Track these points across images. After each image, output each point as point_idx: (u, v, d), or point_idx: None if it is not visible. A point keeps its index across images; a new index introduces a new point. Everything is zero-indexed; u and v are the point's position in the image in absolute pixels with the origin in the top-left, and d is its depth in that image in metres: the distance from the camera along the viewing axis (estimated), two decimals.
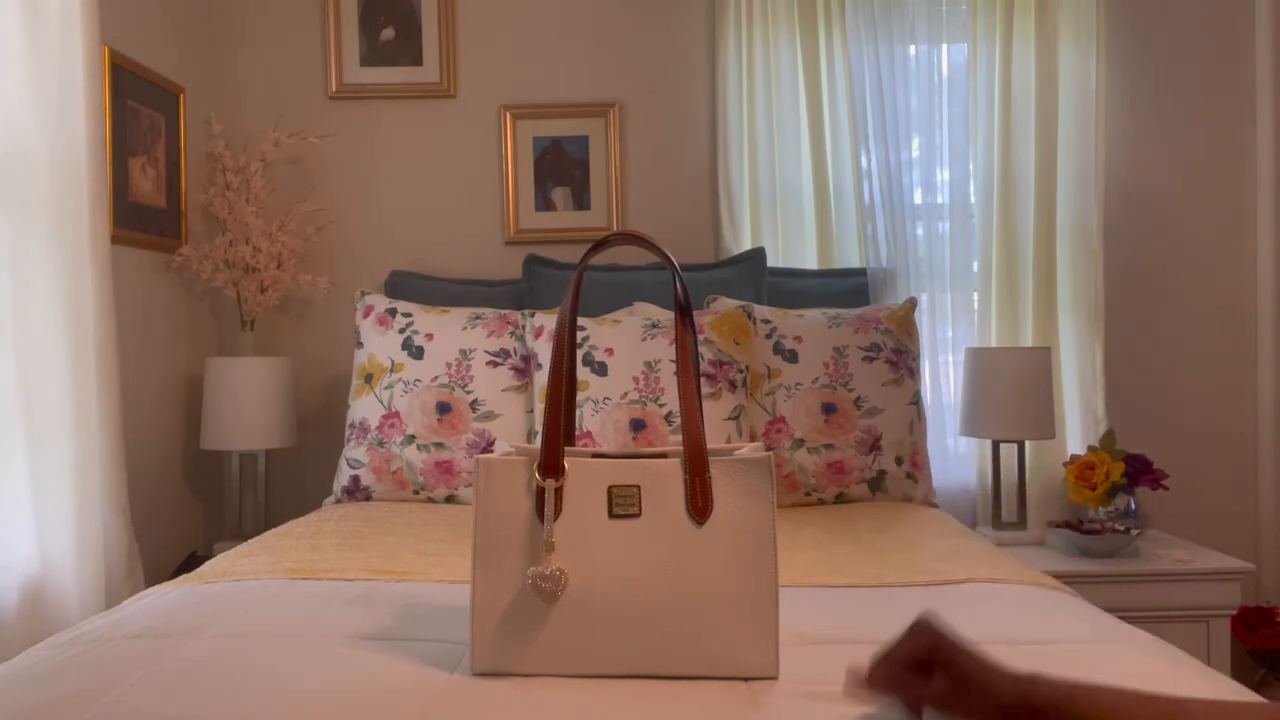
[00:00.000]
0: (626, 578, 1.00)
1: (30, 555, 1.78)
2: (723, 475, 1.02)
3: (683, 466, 1.02)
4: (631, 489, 1.02)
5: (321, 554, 1.62)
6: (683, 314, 1.08)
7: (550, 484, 1.02)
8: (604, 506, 1.02)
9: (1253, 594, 2.64)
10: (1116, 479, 2.33)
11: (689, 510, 1.01)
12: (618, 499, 1.02)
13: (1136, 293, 2.72)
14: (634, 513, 1.01)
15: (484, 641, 1.03)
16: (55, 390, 1.81)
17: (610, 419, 2.03)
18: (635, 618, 1.00)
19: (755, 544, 1.01)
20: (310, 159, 2.78)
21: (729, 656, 1.00)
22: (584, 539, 1.02)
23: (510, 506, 1.04)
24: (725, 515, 1.01)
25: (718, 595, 1.00)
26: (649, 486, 1.02)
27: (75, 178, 1.85)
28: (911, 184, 2.66)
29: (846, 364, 2.20)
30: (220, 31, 2.78)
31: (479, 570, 1.03)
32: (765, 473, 1.02)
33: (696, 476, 1.01)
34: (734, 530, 1.01)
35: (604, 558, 1.01)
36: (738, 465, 1.02)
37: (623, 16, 2.76)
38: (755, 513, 1.02)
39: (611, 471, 1.03)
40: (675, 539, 1.01)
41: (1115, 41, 2.69)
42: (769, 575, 1.01)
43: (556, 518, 1.02)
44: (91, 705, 0.96)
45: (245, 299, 2.61)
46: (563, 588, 1.00)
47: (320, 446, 2.73)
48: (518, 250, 2.74)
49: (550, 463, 1.03)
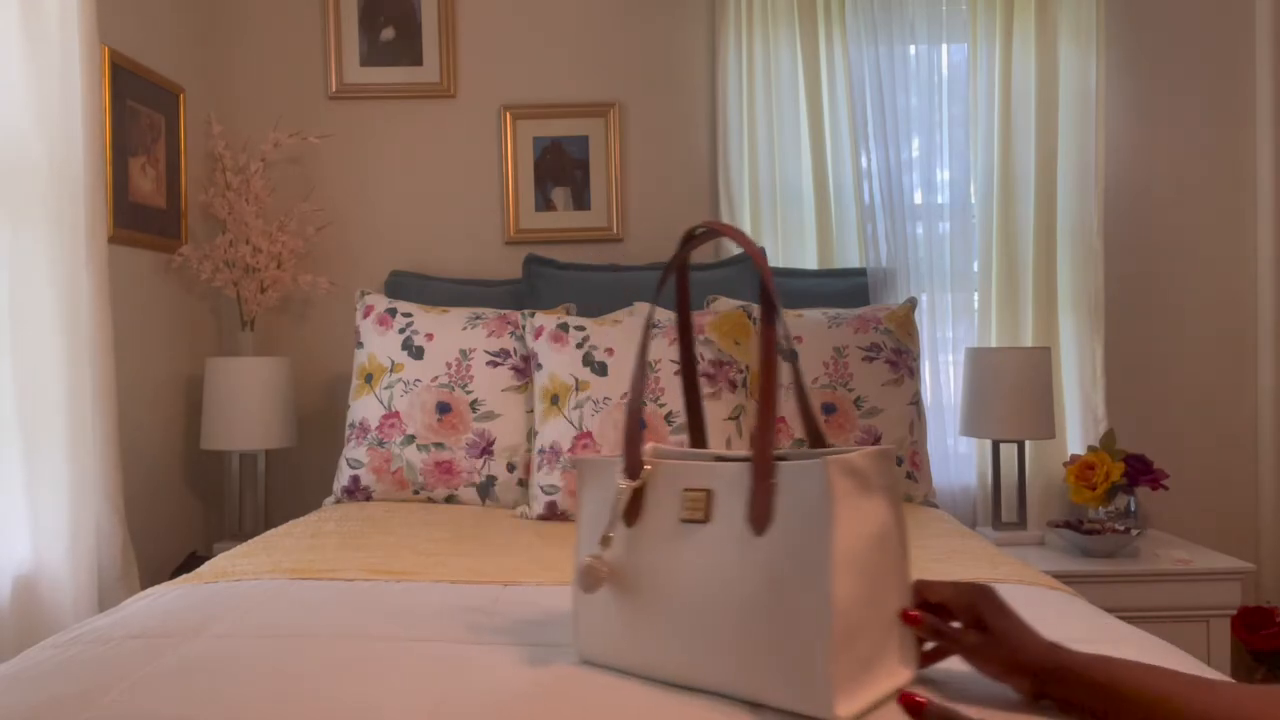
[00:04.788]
0: (688, 584, 0.95)
1: (24, 554, 1.78)
2: (786, 483, 0.91)
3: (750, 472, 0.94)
4: (701, 493, 0.97)
5: (321, 554, 1.62)
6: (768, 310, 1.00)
7: (626, 485, 1.01)
8: (678, 509, 0.98)
9: (1253, 594, 2.64)
10: (1116, 479, 2.33)
11: (748, 518, 0.92)
12: (688, 503, 0.97)
13: (1136, 293, 2.72)
14: (700, 518, 0.96)
15: (581, 631, 1.04)
16: (51, 389, 1.81)
17: (610, 419, 2.03)
18: (698, 629, 0.94)
19: (807, 561, 0.87)
20: (310, 159, 2.78)
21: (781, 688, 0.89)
22: (658, 541, 0.99)
23: (602, 505, 1.04)
24: (783, 527, 0.90)
25: (769, 616, 0.89)
26: (721, 491, 0.95)
27: (73, 178, 1.85)
28: (911, 184, 2.65)
29: (846, 364, 2.20)
30: (220, 31, 2.78)
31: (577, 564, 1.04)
32: (822, 480, 0.88)
33: (759, 483, 0.92)
34: (788, 544, 0.89)
35: (671, 562, 0.97)
36: (798, 471, 0.90)
37: (623, 16, 2.76)
38: (812, 526, 0.88)
39: (687, 474, 0.99)
40: (737, 549, 0.92)
41: (1115, 41, 2.69)
42: (821, 600, 0.85)
43: (635, 520, 1.00)
44: (91, 705, 0.96)
45: (245, 299, 2.61)
46: (599, 581, 0.98)
47: (320, 446, 2.73)
48: (518, 250, 2.74)
49: (630, 465, 1.02)
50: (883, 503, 0.91)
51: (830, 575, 0.85)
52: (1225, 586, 2.21)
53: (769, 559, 0.90)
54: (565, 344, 2.12)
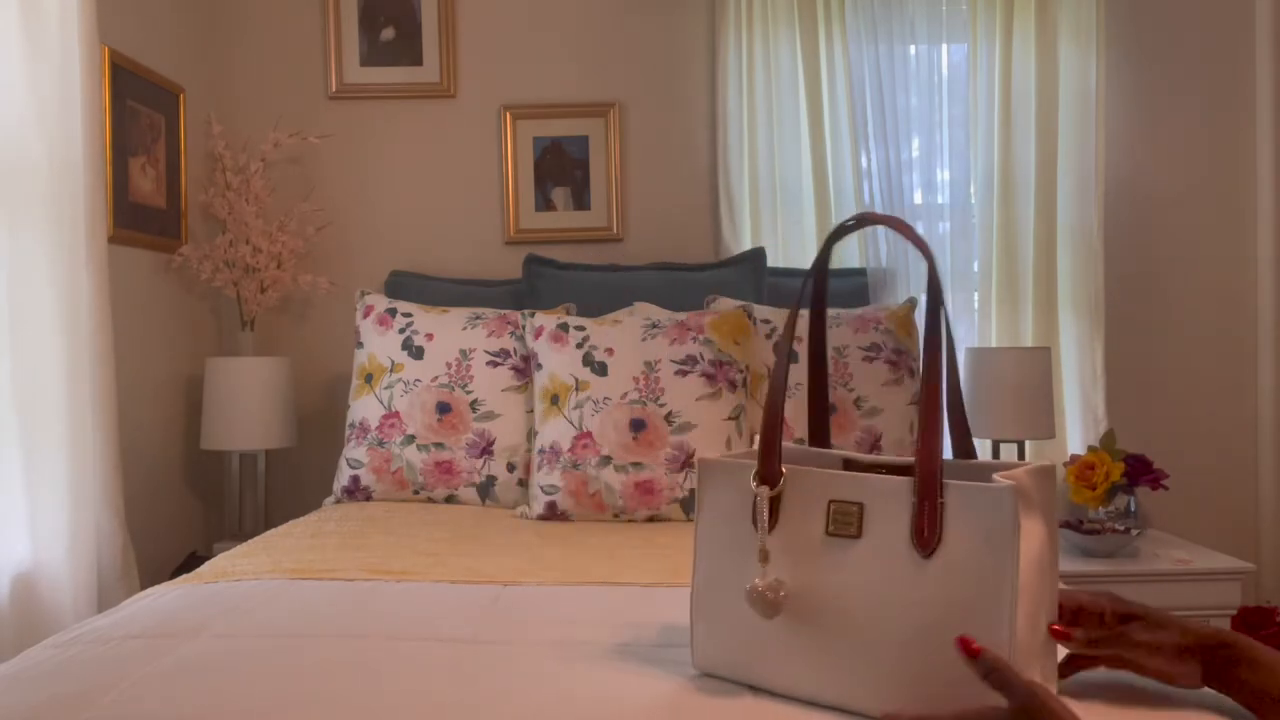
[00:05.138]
0: (840, 603, 0.90)
1: (23, 554, 1.78)
2: (959, 503, 0.86)
3: (912, 488, 0.89)
4: (853, 506, 0.91)
5: (321, 554, 1.62)
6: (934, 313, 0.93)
7: (764, 492, 0.94)
8: (823, 521, 0.93)
9: (1253, 594, 2.64)
10: (1116, 479, 2.33)
11: (912, 539, 0.87)
12: (836, 516, 0.92)
13: (1136, 293, 2.72)
14: (852, 533, 0.90)
15: (702, 641, 0.99)
16: (50, 389, 1.81)
17: (610, 419, 2.03)
18: (850, 648, 0.89)
19: (986, 591, 0.83)
20: (310, 159, 2.78)
21: None
22: (799, 554, 0.93)
23: (727, 509, 0.99)
24: (956, 551, 0.85)
25: (939, 645, 0.84)
26: (873, 506, 0.90)
27: (73, 178, 1.85)
28: (911, 184, 2.66)
29: (846, 364, 2.20)
30: (220, 31, 2.78)
31: (698, 571, 1.00)
32: (1010, 504, 0.83)
33: (926, 501, 0.87)
34: (963, 571, 0.84)
35: (818, 577, 0.92)
36: (976, 493, 0.85)
37: (623, 16, 2.76)
38: (991, 553, 0.83)
39: (833, 485, 0.93)
40: (897, 569, 0.87)
41: (1115, 41, 2.69)
42: (1001, 634, 0.82)
43: (772, 528, 0.94)
44: (91, 705, 0.96)
45: (245, 299, 2.61)
46: (782, 600, 0.92)
47: (320, 446, 2.73)
48: (518, 250, 2.74)
49: (766, 470, 0.96)
50: (1040, 522, 0.87)
51: (1015, 606, 0.82)
52: (1225, 586, 2.21)
53: (940, 585, 0.85)
54: (565, 344, 2.12)
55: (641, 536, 1.82)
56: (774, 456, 0.96)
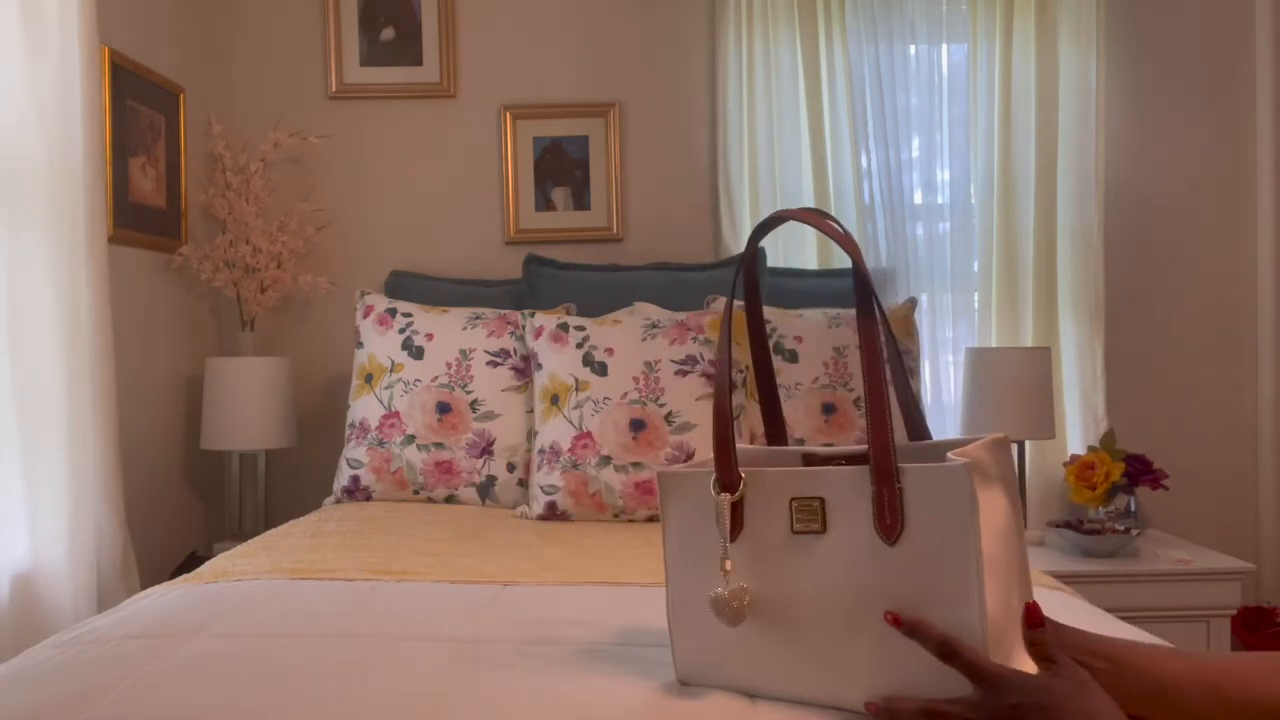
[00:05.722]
0: (811, 599, 0.90)
1: (23, 554, 1.78)
2: (916, 486, 0.85)
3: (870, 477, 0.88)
4: (814, 501, 0.90)
5: (321, 554, 1.62)
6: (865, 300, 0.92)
7: (725, 499, 0.93)
8: (786, 520, 0.92)
9: (1253, 594, 2.64)
10: (1116, 479, 2.33)
11: (876, 527, 0.87)
12: (799, 513, 0.91)
13: (1136, 293, 2.72)
14: (817, 529, 0.90)
15: (682, 652, 0.99)
16: (50, 389, 1.81)
17: (610, 419, 2.03)
18: (824, 644, 0.89)
19: (953, 571, 0.83)
20: (310, 159, 2.78)
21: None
22: (767, 555, 0.93)
23: (692, 519, 0.97)
24: (920, 535, 0.85)
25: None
26: (834, 499, 0.89)
27: (73, 178, 1.85)
28: (911, 184, 2.66)
29: (846, 364, 2.20)
30: (220, 31, 2.78)
31: (671, 584, 0.99)
32: (965, 481, 0.83)
33: (884, 488, 0.86)
34: (929, 553, 0.84)
35: (787, 575, 0.91)
36: (932, 475, 0.85)
37: (623, 16, 2.76)
38: (954, 532, 0.83)
39: (792, 482, 0.92)
40: (865, 559, 0.87)
41: (1115, 41, 2.69)
42: (970, 611, 0.82)
43: (738, 534, 0.94)
44: (91, 705, 0.96)
45: (245, 299, 2.61)
46: (747, 607, 0.92)
47: (320, 446, 2.73)
48: (518, 250, 2.74)
49: (725, 477, 0.94)
50: (1000, 494, 0.87)
51: (981, 584, 0.82)
52: (1225, 586, 2.21)
53: (907, 570, 0.85)
54: (565, 344, 2.12)
55: (641, 536, 1.82)
56: (730, 462, 0.94)
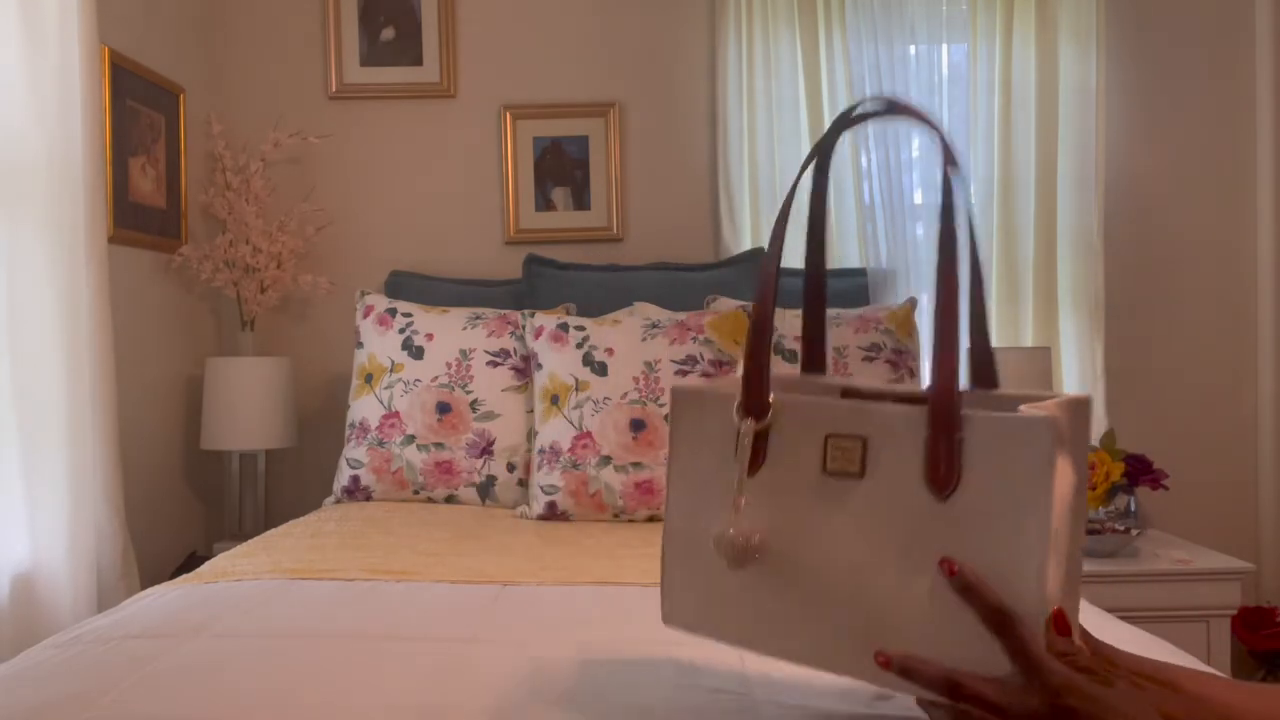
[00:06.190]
0: (834, 551, 0.77)
1: (23, 553, 1.78)
2: (982, 437, 0.72)
3: (926, 419, 0.74)
4: (854, 441, 0.77)
5: (321, 554, 1.63)
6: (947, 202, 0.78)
7: (750, 426, 0.80)
8: (818, 458, 0.79)
9: (1253, 594, 2.63)
10: (1116, 479, 2.33)
11: (927, 478, 0.74)
12: (834, 451, 0.78)
13: (1136, 292, 2.72)
14: (854, 471, 0.77)
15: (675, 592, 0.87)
16: (50, 389, 1.81)
17: (610, 419, 2.03)
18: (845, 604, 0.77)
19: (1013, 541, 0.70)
20: (310, 159, 2.78)
21: None
22: (788, 496, 0.80)
23: (704, 446, 0.85)
24: (978, 493, 0.72)
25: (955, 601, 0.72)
26: (879, 440, 0.76)
27: (73, 178, 1.85)
28: (911, 184, 2.66)
29: (847, 364, 2.20)
30: (220, 31, 2.78)
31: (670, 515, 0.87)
32: (1045, 439, 0.70)
33: (943, 434, 0.73)
34: (987, 516, 0.72)
35: (809, 521, 0.79)
36: (1004, 426, 0.72)
37: (623, 16, 2.76)
38: (1022, 496, 0.71)
39: (832, 416, 0.79)
40: (906, 512, 0.75)
41: (1115, 40, 2.69)
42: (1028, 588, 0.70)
43: (760, 466, 0.81)
44: (91, 705, 0.96)
45: (245, 299, 2.61)
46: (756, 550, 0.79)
47: (320, 446, 2.73)
48: (518, 250, 2.74)
49: (752, 402, 0.81)
50: (1069, 461, 0.73)
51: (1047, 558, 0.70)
52: (1225, 586, 2.21)
53: (956, 532, 0.72)
54: (565, 344, 2.12)
55: (641, 537, 1.82)
56: (762, 385, 0.81)
